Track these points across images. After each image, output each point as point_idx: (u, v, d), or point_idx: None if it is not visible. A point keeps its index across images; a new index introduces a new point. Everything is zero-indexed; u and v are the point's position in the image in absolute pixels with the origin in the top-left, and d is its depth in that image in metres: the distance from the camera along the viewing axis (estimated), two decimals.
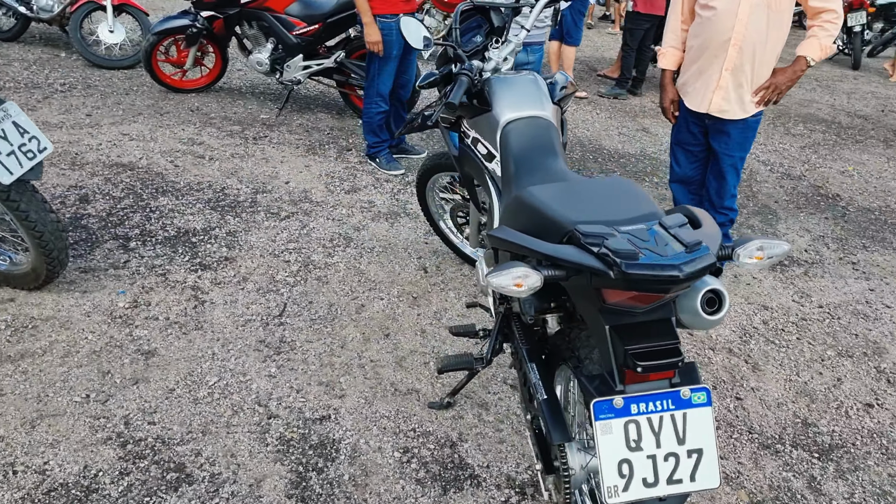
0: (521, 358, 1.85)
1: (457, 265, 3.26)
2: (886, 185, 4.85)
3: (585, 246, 1.17)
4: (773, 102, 2.86)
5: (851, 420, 2.43)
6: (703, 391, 1.23)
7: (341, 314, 2.81)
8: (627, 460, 1.22)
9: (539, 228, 1.42)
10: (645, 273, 1.06)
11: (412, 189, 4.11)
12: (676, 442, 1.22)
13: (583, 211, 1.33)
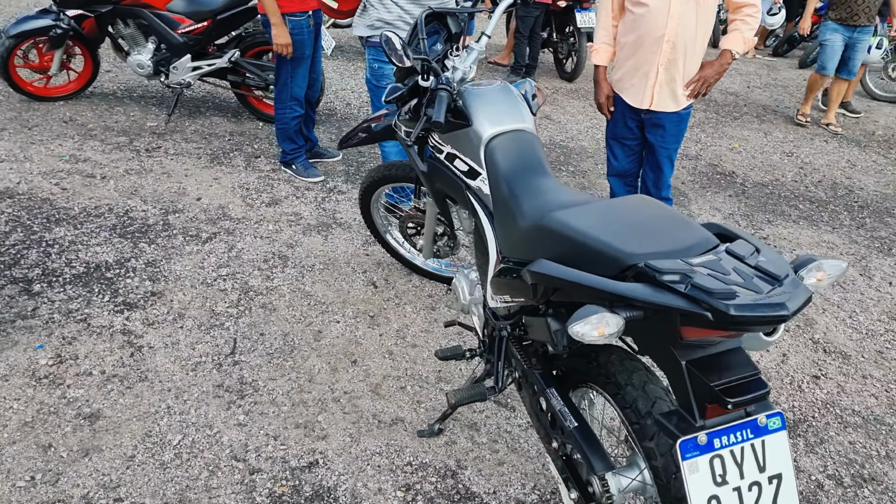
0: (535, 383, 1.79)
1: (405, 276, 3.15)
2: (769, 159, 5.26)
3: (667, 285, 1.13)
4: (702, 95, 2.97)
5: (805, 394, 2.60)
6: (778, 416, 1.23)
7: (299, 344, 2.61)
8: (715, 496, 1.21)
9: (580, 260, 1.36)
10: (751, 315, 1.03)
11: (336, 196, 3.92)
12: (758, 470, 1.22)
13: (636, 241, 1.28)
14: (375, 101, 3.26)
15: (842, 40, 5.56)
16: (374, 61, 3.13)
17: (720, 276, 1.11)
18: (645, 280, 1.19)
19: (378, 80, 3.16)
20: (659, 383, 1.47)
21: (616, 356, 1.55)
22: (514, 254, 1.67)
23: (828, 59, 5.66)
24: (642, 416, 1.41)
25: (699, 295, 1.07)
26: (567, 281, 1.30)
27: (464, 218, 2.18)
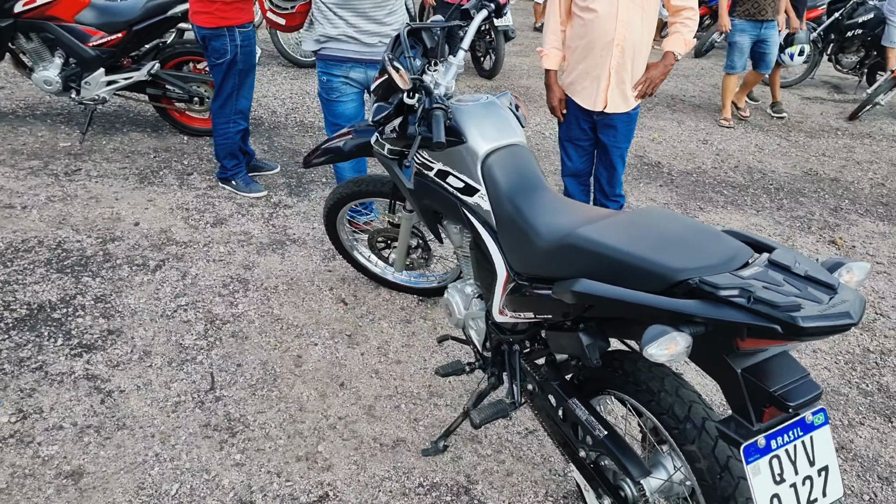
0: (553, 395, 1.82)
1: (372, 290, 3.10)
2: (688, 147, 5.55)
3: (728, 300, 1.18)
4: (649, 95, 3.10)
5: None
6: (822, 412, 1.32)
7: (281, 372, 2.53)
8: (777, 495, 1.28)
9: (617, 277, 1.39)
10: (821, 325, 1.09)
11: (283, 212, 3.81)
12: (808, 465, 1.30)
13: (678, 256, 1.32)
14: (327, 114, 3.19)
15: (750, 39, 5.75)
16: (324, 74, 3.06)
17: (777, 289, 1.17)
18: (701, 296, 1.23)
19: (328, 93, 3.10)
20: (690, 387, 1.54)
21: (642, 363, 1.60)
22: (531, 271, 1.69)
23: (736, 59, 5.84)
24: (681, 421, 1.47)
25: (765, 309, 1.13)
26: (620, 301, 1.32)
27: (453, 233, 2.18)
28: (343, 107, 3.13)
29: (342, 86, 3.04)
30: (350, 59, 2.98)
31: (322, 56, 3.04)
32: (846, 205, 4.61)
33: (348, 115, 3.17)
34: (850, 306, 1.11)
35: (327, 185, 4.22)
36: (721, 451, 1.43)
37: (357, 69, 3.02)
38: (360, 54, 2.99)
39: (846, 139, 6.08)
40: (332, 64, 3.01)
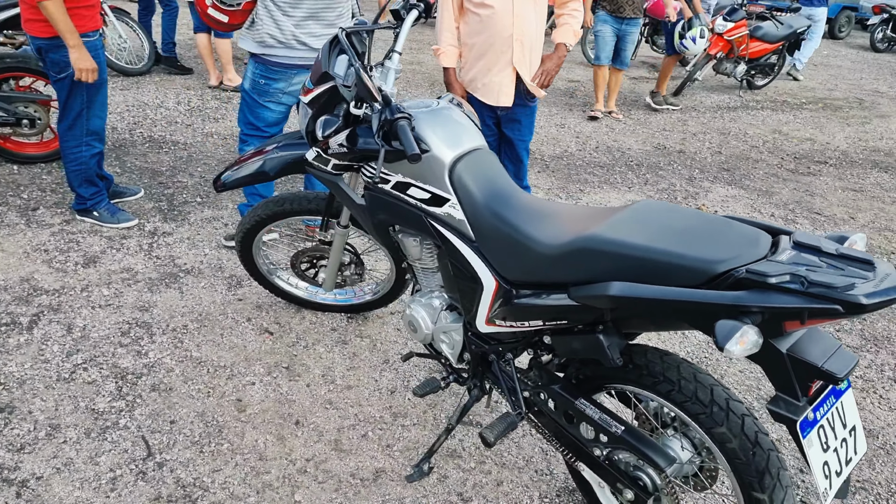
0: (555, 398, 1.80)
1: (295, 313, 2.89)
2: (549, 132, 5.81)
3: (782, 287, 1.22)
4: (546, 86, 3.18)
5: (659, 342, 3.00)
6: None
7: (225, 421, 2.27)
8: (826, 462, 1.35)
9: (646, 276, 1.39)
10: (881, 300, 1.16)
11: (165, 240, 3.42)
12: (842, 427, 1.40)
13: (708, 249, 1.35)
14: (248, 113, 2.98)
15: (612, 31, 5.88)
16: (262, 78, 2.87)
17: (823, 270, 1.23)
18: (750, 286, 1.27)
19: (260, 95, 2.90)
20: (704, 371, 1.59)
21: (652, 354, 1.63)
22: (534, 279, 1.64)
23: (600, 49, 5.99)
24: (706, 405, 1.52)
25: (823, 291, 1.18)
26: (665, 301, 1.32)
27: (412, 245, 2.06)
28: (270, 113, 2.95)
29: (279, 94, 2.88)
30: (296, 66, 2.77)
31: (264, 60, 2.84)
32: (697, 174, 5.09)
33: (271, 121, 3.00)
34: (895, 279, 1.20)
35: (205, 206, 3.86)
36: (749, 428, 1.49)
37: (303, 75, 2.82)
38: (308, 60, 2.81)
39: (678, 114, 6.72)
40: (277, 71, 2.82)
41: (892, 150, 6.17)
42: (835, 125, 6.81)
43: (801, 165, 5.52)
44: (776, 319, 1.26)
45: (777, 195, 4.78)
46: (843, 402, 1.40)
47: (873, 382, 2.78)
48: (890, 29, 12.01)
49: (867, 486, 2.22)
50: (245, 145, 3.09)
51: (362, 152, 1.92)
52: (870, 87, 8.92)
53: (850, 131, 6.67)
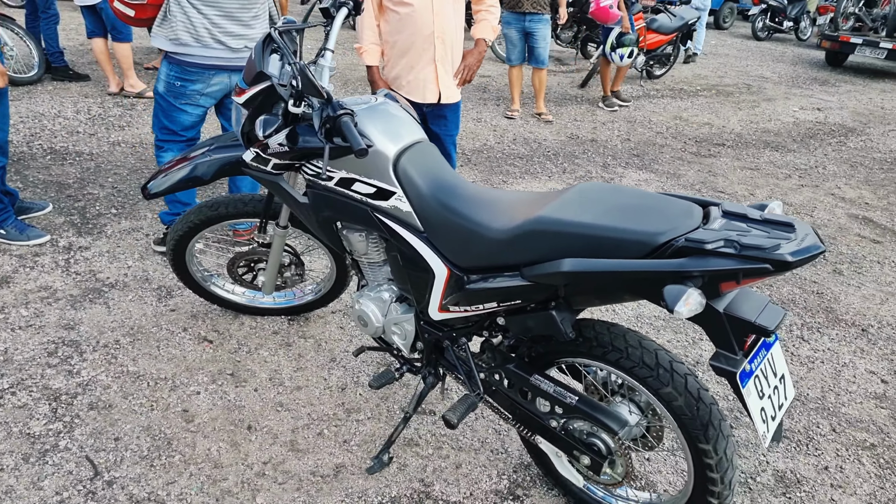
0: (511, 377, 1.88)
1: (234, 319, 2.83)
2: (467, 126, 5.91)
3: (718, 252, 1.33)
4: (468, 81, 3.26)
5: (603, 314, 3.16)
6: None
7: (173, 433, 2.21)
8: (763, 408, 1.48)
9: (594, 252, 1.48)
10: (804, 257, 1.29)
11: (82, 255, 3.27)
12: (773, 376, 1.54)
13: (650, 223, 1.45)
14: (162, 117, 2.89)
15: (517, 31, 5.93)
16: (177, 80, 2.77)
17: (751, 234, 1.36)
18: (690, 253, 1.38)
19: (176, 97, 2.82)
20: (648, 337, 1.71)
21: (599, 326, 1.73)
22: (486, 263, 1.71)
23: (509, 50, 6.08)
24: (653, 368, 1.63)
25: (754, 253, 1.30)
26: (616, 272, 1.41)
27: (357, 241, 2.08)
28: (186, 116, 2.87)
29: (196, 95, 2.80)
30: (214, 67, 2.69)
31: (179, 61, 2.75)
32: (610, 160, 5.34)
33: (187, 124, 2.92)
34: (814, 238, 1.34)
35: (121, 216, 3.71)
36: (692, 386, 1.62)
37: (220, 75, 2.74)
38: (226, 60, 2.72)
39: (586, 104, 7.00)
40: (193, 71, 2.73)
41: (780, 130, 6.69)
42: (728, 110, 7.30)
43: (702, 148, 5.89)
44: (713, 281, 1.38)
45: (684, 177, 5.09)
46: (772, 353, 1.55)
47: (784, 342, 3.03)
48: (769, 18, 12.94)
49: (788, 435, 2.43)
50: (162, 151, 3.00)
51: (304, 151, 1.93)
52: (755, 73, 9.60)
53: (742, 115, 7.16)
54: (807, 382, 2.74)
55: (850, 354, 2.97)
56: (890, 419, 2.56)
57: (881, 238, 4.25)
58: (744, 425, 2.45)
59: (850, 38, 9.83)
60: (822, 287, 3.56)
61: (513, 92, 6.33)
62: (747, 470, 2.24)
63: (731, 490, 1.66)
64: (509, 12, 5.88)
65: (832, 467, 2.29)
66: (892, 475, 2.28)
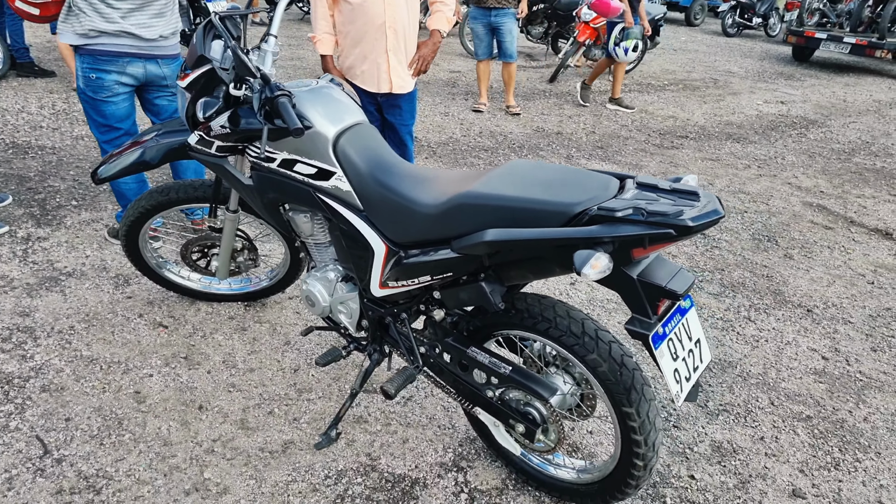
0: (450, 350, 1.94)
1: (190, 305, 2.87)
2: (434, 121, 5.97)
3: (627, 219, 1.40)
4: (423, 72, 3.31)
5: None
6: (688, 297, 1.64)
7: (124, 413, 2.24)
8: (676, 369, 1.56)
9: (517, 222, 1.55)
10: (704, 222, 1.36)
11: (41, 245, 3.28)
12: (688, 340, 1.61)
13: (568, 194, 1.52)
14: (94, 115, 2.87)
15: (483, 25, 5.93)
16: (91, 71, 2.74)
17: (658, 203, 1.43)
18: (602, 221, 1.45)
19: (96, 91, 2.79)
20: (576, 308, 1.78)
21: (531, 299, 1.80)
22: (419, 238, 1.77)
23: (477, 46, 6.08)
24: (579, 336, 1.70)
25: (659, 219, 1.37)
26: (534, 240, 1.48)
27: (303, 222, 2.13)
28: (114, 107, 2.84)
29: (114, 84, 2.77)
30: (127, 54, 2.69)
31: (90, 51, 2.72)
32: (574, 152, 5.42)
33: (120, 115, 2.88)
34: (715, 204, 1.42)
35: (81, 208, 3.72)
36: (616, 352, 1.69)
37: (135, 64, 2.75)
38: (140, 48, 2.73)
39: (554, 98, 7.09)
40: (105, 60, 2.71)
41: (743, 123, 6.83)
42: (693, 103, 7.43)
43: (665, 140, 6.00)
44: (625, 247, 1.45)
45: (646, 168, 5.19)
46: (687, 318, 1.62)
47: (731, 322, 3.13)
48: (738, 15, 13.15)
49: (728, 408, 2.52)
50: (109, 146, 2.96)
51: (245, 132, 1.97)
52: (723, 68, 9.76)
53: (706, 108, 7.30)
54: (750, 360, 2.83)
55: (794, 333, 3.07)
56: (827, 393, 2.66)
57: (833, 224, 4.38)
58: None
59: (816, 33, 10.04)
60: (773, 271, 3.67)
61: (480, 86, 6.37)
62: (685, 441, 2.32)
63: (655, 452, 1.73)
64: (476, 7, 5.90)
65: (768, 437, 2.38)
66: (826, 444, 2.37)
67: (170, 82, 2.97)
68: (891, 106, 8.11)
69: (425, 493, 2.03)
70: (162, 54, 2.89)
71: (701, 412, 2.48)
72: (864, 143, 6.40)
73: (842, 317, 3.25)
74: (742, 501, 2.09)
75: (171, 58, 2.96)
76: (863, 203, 4.81)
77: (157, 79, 2.92)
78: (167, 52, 2.92)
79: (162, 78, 2.94)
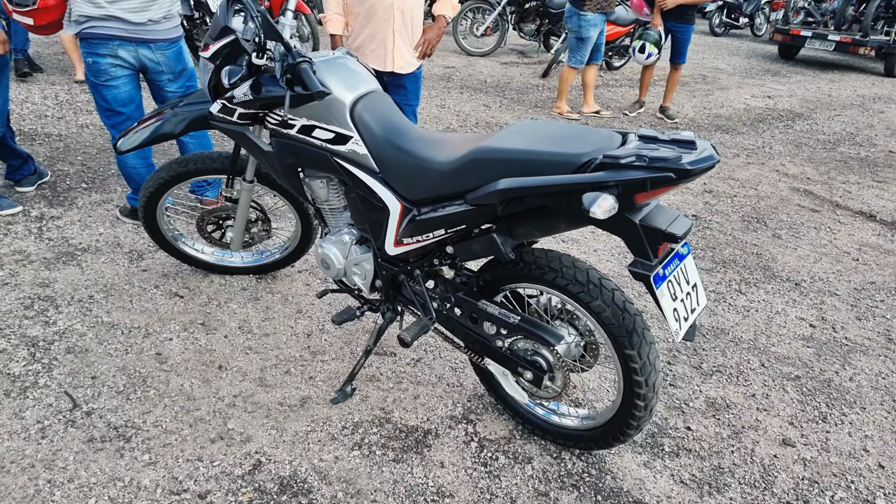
0: (461, 304, 2.06)
1: (204, 277, 2.97)
2: (431, 112, 6.10)
3: (631, 165, 1.52)
4: (428, 55, 3.44)
5: None
6: (686, 244, 1.76)
7: (148, 372, 2.34)
8: (675, 308, 1.68)
9: (528, 172, 1.67)
10: (701, 166, 1.48)
11: (55, 224, 3.37)
12: (686, 283, 1.74)
13: (575, 146, 1.64)
14: (99, 100, 2.96)
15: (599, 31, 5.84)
16: (88, 56, 2.84)
17: (659, 151, 1.56)
18: (607, 168, 1.57)
19: (96, 75, 2.88)
20: (580, 260, 1.90)
21: (538, 252, 1.93)
22: (434, 194, 1.88)
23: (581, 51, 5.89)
24: (584, 285, 1.83)
25: (660, 164, 1.50)
26: (546, 186, 1.60)
27: (319, 188, 2.24)
28: (116, 91, 2.92)
29: (111, 67, 2.85)
30: (116, 37, 2.78)
31: (84, 36, 2.81)
32: None
33: (122, 98, 2.95)
34: (710, 150, 1.55)
35: (92, 190, 3.81)
36: (618, 298, 1.82)
37: (126, 47, 2.82)
38: (129, 32, 2.81)
39: (547, 92, 7.23)
40: (96, 43, 2.79)
41: (732, 115, 7.00)
42: (683, 97, 7.59)
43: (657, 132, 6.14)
44: (628, 192, 1.58)
45: None
46: (685, 264, 1.75)
47: (723, 294, 3.26)
48: (725, 15, 13.37)
49: (721, 370, 2.65)
50: (115, 130, 3.02)
51: (267, 99, 2.09)
52: (711, 65, 9.95)
53: (696, 102, 7.46)
54: (741, 328, 2.97)
55: (783, 304, 3.21)
56: (815, 356, 2.80)
57: (819, 207, 4.53)
58: (679, 362, 2.67)
59: (801, 31, 10.25)
60: (762, 249, 3.81)
61: (563, 92, 6.25)
62: (681, 397, 2.45)
63: (656, 392, 1.86)
64: (597, 14, 5.77)
65: (759, 394, 2.52)
66: (814, 400, 2.51)
67: (164, 68, 3.00)
68: (874, 100, 8.31)
69: (437, 441, 2.15)
70: (153, 38, 2.91)
71: (696, 373, 2.61)
72: (849, 134, 6.58)
73: (828, 290, 3.39)
74: (735, 449, 2.22)
75: (165, 42, 2.97)
76: (847, 188, 4.97)
77: (152, 64, 2.96)
78: (160, 36, 2.93)
79: (157, 63, 2.97)
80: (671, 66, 6.36)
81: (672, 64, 6.34)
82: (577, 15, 5.80)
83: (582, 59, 6.03)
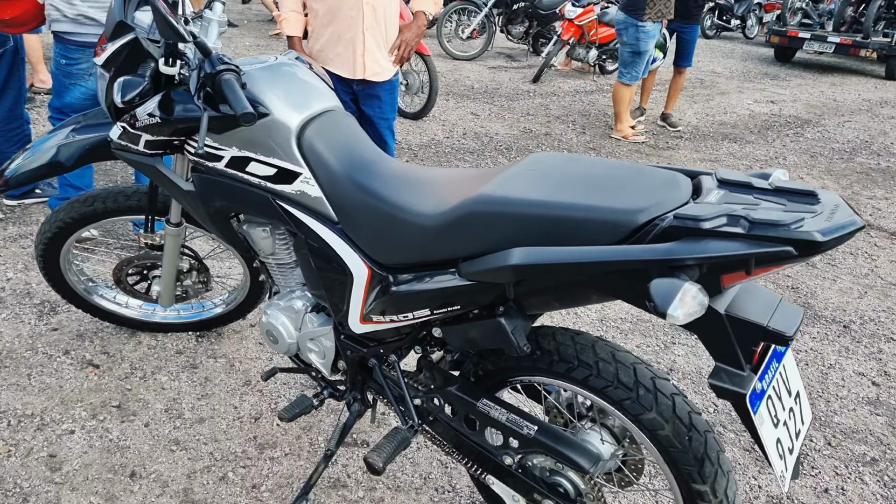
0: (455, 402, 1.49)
1: (129, 338, 2.37)
2: (415, 122, 5.53)
3: (718, 232, 0.97)
4: (407, 59, 2.87)
5: None
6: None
7: (32, 486, 1.74)
8: (779, 439, 1.13)
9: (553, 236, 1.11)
10: (837, 236, 0.94)
11: None
12: (787, 395, 1.18)
13: (624, 199, 1.08)
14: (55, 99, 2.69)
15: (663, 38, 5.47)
16: (63, 57, 2.60)
17: (764, 208, 1.00)
18: (680, 235, 1.01)
19: (66, 77, 2.63)
20: (622, 347, 1.34)
21: (562, 336, 1.36)
22: (415, 259, 1.32)
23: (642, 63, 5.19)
24: (631, 388, 1.27)
25: (770, 231, 0.95)
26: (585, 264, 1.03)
27: (261, 238, 1.67)
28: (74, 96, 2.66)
29: (85, 75, 2.63)
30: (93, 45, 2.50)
31: (62, 39, 2.58)
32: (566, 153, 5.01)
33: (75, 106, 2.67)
34: (847, 210, 0.99)
35: (8, 222, 3.19)
36: (682, 409, 1.26)
37: None
38: None
39: (539, 98, 6.69)
40: (76, 50, 2.57)
41: (737, 122, 6.50)
42: (683, 103, 7.09)
43: (660, 141, 5.63)
44: (712, 273, 1.02)
45: None
46: (785, 365, 1.19)
47: None
48: (716, 17, 12.96)
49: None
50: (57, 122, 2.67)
51: (181, 122, 1.51)
52: (707, 68, 9.49)
53: (697, 108, 6.96)
54: None
55: (835, 355, 2.68)
56: (888, 427, 2.26)
57: None
58: (728, 442, 2.12)
59: (799, 32, 9.82)
60: (797, 281, 3.28)
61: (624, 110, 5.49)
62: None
63: None
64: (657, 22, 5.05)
65: (832, 489, 1.97)
66: None
67: None
68: (881, 105, 7.87)
69: None
70: None
71: (749, 458, 2.06)
72: (864, 142, 6.10)
73: (882, 333, 2.87)
74: None
75: None
76: (876, 205, 4.47)
77: None
78: None
79: None
80: (675, 70, 5.84)
81: (676, 67, 5.81)
82: (636, 26, 4.96)
83: (637, 74, 5.22)
